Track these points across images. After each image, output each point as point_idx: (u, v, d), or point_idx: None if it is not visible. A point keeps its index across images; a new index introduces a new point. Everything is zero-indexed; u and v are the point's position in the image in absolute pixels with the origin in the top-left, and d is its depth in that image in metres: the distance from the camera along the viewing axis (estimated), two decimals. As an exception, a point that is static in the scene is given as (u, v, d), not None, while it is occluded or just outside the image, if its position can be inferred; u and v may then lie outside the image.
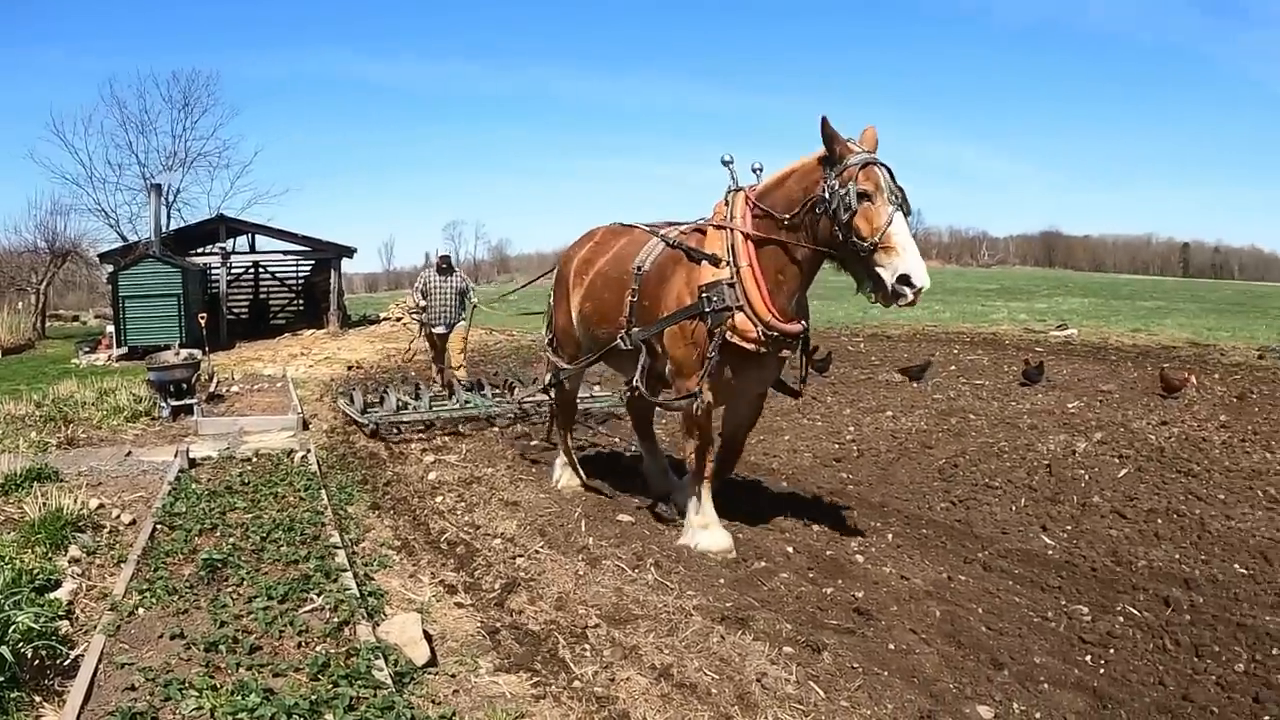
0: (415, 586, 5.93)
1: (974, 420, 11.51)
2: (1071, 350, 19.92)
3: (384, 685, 4.17)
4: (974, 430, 10.86)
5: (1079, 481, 8.51)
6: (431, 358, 14.97)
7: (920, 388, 14.26)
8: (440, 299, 14.16)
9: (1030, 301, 37.01)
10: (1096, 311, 30.76)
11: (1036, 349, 18.99)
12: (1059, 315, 28.79)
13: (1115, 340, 21.66)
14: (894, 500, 8.07)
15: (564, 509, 7.50)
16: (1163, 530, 7.09)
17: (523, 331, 24.88)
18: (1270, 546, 6.59)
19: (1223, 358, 18.10)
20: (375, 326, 28.87)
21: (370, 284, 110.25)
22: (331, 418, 12.43)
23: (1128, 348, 20.21)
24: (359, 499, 7.99)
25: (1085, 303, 36.50)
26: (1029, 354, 17.53)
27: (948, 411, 12.18)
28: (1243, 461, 9.09)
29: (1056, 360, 16.81)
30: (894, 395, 13.62)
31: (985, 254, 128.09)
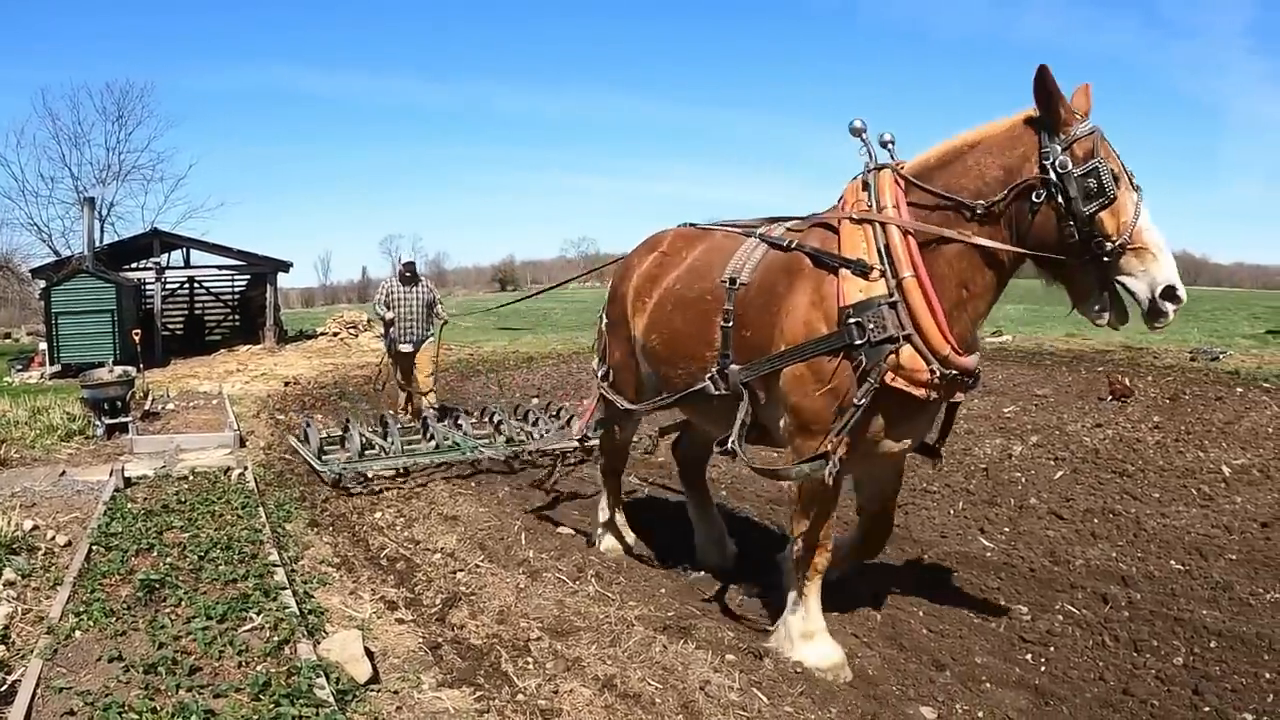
0: (356, 603, 5.89)
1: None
2: (1006, 355, 20.29)
3: (326, 704, 4.14)
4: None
5: (1016, 484, 8.69)
6: (397, 381, 13.43)
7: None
8: (406, 311, 12.89)
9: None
10: (1031, 317, 31.20)
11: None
12: (993, 322, 29.16)
13: (1050, 345, 22.10)
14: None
15: (504, 523, 7.48)
16: (1099, 529, 7.26)
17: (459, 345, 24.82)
18: (1205, 542, 6.79)
19: (1155, 360, 18.55)
20: (312, 341, 28.59)
21: (307, 299, 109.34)
22: (268, 434, 12.27)
23: (1062, 352, 20.63)
24: (297, 516, 7.91)
25: (1020, 309, 37.00)
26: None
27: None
28: (1176, 461, 9.33)
29: (991, 366, 17.08)
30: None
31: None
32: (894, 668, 4.96)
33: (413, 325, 12.99)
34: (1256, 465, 9.11)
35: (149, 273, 27.69)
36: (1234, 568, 6.29)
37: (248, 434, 11.97)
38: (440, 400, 13.57)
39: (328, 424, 12.91)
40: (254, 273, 30.21)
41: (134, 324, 21.43)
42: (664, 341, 5.68)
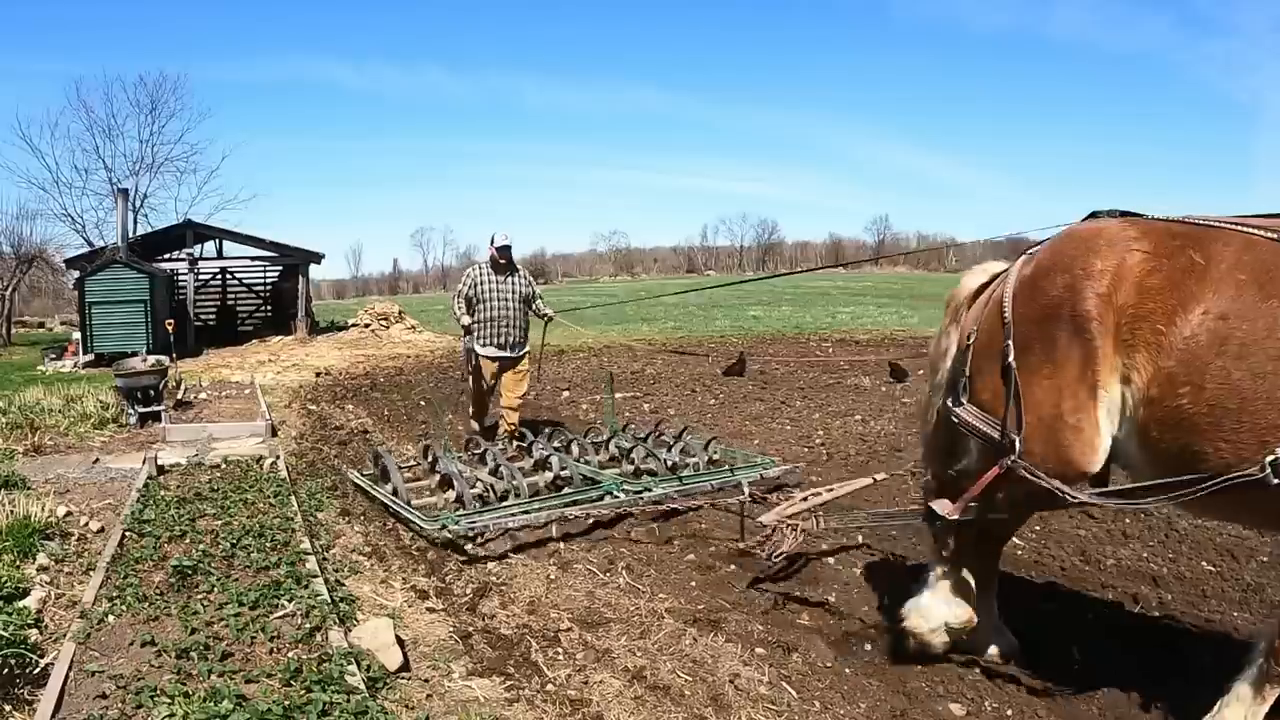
0: (387, 592, 5.90)
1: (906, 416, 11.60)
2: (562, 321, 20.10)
3: (357, 690, 4.15)
4: (909, 432, 10.95)
5: (1050, 480, 8.59)
6: (472, 396, 10.81)
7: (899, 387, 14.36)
8: (500, 308, 10.17)
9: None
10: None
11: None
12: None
13: None
14: (863, 503, 8.09)
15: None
16: (1130, 530, 7.19)
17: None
18: (1236, 544, 6.70)
19: None
20: (343, 333, 28.70)
21: (338, 290, 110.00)
22: (300, 424, 12.34)
23: None
24: (329, 505, 7.94)
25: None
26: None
27: (917, 415, 12.25)
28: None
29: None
30: (863, 399, 13.73)
31: (953, 259, 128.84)
32: (923, 664, 4.93)
33: (508, 327, 10.26)
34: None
35: (182, 263, 27.86)
36: (1265, 570, 6.20)
37: (279, 424, 12.03)
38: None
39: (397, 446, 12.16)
40: (286, 264, 30.40)
41: (167, 314, 21.56)
42: (1205, 398, 3.68)
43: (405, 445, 10.80)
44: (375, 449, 9.02)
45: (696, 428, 11.69)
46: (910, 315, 32.72)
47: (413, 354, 22.50)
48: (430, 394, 15.06)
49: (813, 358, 19.36)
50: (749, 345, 22.29)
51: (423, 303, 59.81)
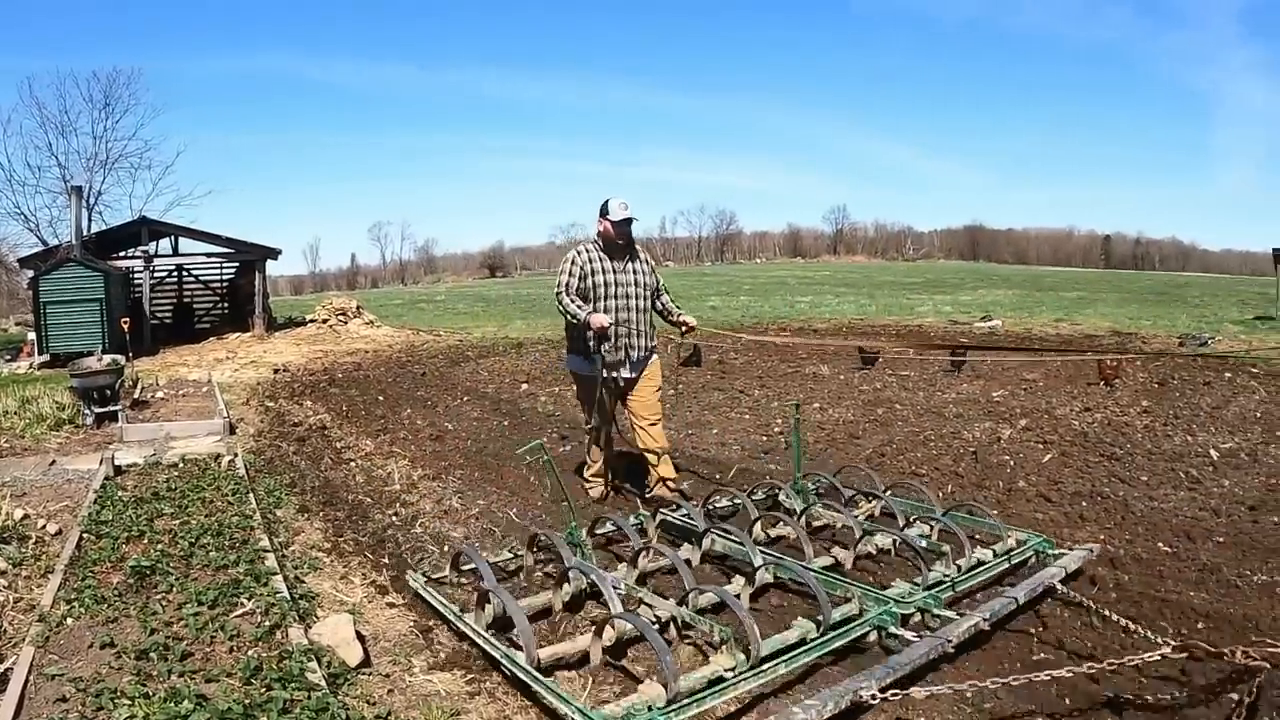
0: (347, 588, 5.89)
1: (900, 410, 11.73)
2: (996, 341, 20.34)
3: (318, 687, 4.15)
4: (900, 420, 11.08)
5: (1004, 467, 8.72)
6: (595, 439, 7.91)
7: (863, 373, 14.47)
8: (622, 304, 7.58)
9: (955, 294, 37.79)
10: (1020, 303, 31.47)
11: (961, 340, 19.32)
12: (983, 307, 29.50)
13: (1039, 330, 22.25)
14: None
15: (495, 516, 7.52)
16: (1087, 512, 7.30)
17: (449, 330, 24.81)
18: (1192, 525, 6.83)
19: (1144, 346, 18.64)
20: (301, 329, 28.50)
21: (296, 286, 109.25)
22: (258, 421, 12.25)
23: (1051, 337, 20.78)
24: (288, 502, 7.90)
25: (1009, 295, 37.33)
26: (955, 344, 17.82)
27: (874, 402, 12.41)
28: (1164, 445, 9.37)
29: (980, 351, 17.14)
30: (821, 387, 13.83)
31: (910, 248, 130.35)
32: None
33: (632, 334, 7.64)
34: (1244, 449, 9.15)
35: (137, 261, 27.51)
36: (1221, 550, 6.31)
37: (237, 421, 11.95)
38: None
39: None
40: (243, 260, 30.09)
41: (123, 312, 21.28)
42: None
43: (364, 440, 10.75)
44: (460, 548, 6.12)
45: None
46: (869, 304, 32.99)
47: (371, 349, 22.39)
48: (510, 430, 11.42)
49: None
50: (706, 336, 22.38)
51: (381, 297, 59.63)
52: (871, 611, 4.92)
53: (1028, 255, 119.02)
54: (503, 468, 9.26)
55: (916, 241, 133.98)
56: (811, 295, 38.65)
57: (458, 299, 52.37)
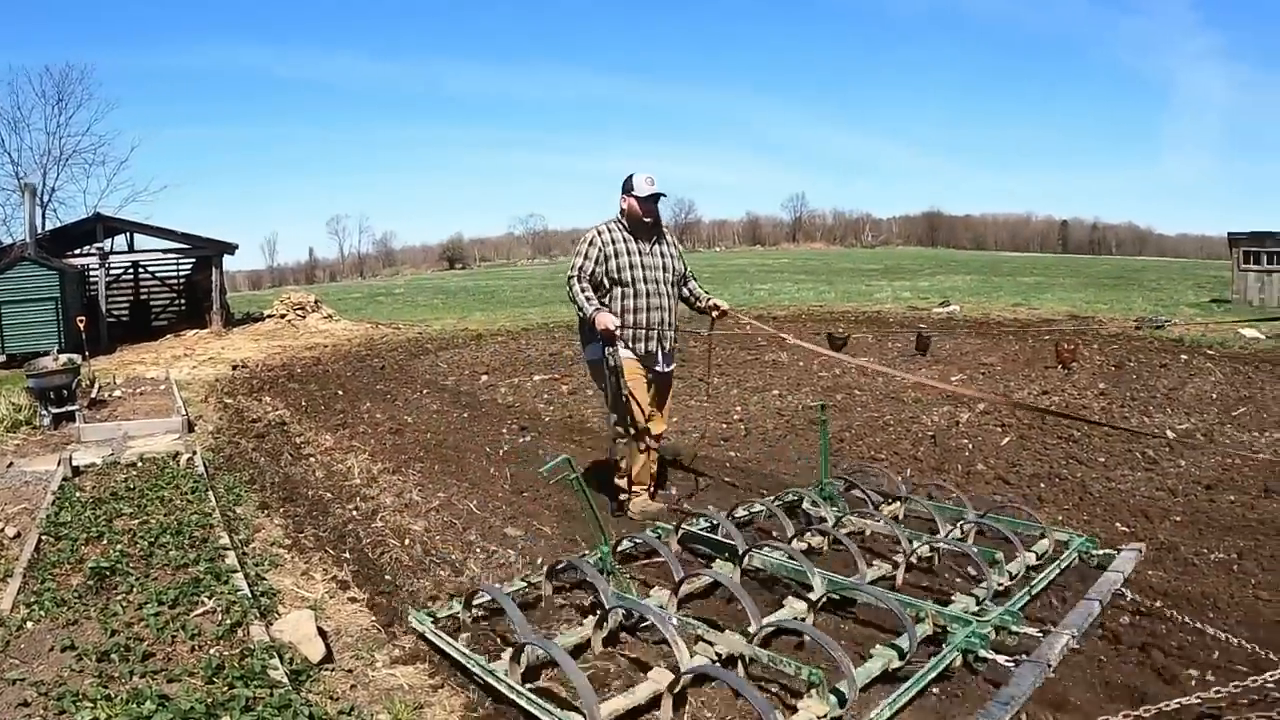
0: (308, 584, 5.87)
1: (859, 396, 11.84)
2: (954, 326, 20.52)
3: (280, 684, 4.14)
4: (860, 405, 11.18)
5: (963, 451, 8.83)
6: (631, 439, 6.95)
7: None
8: (651, 293, 6.92)
9: (914, 280, 38.08)
10: (978, 288, 31.76)
11: (920, 325, 19.47)
12: (941, 292, 29.76)
13: (997, 315, 22.48)
14: (784, 475, 8.24)
15: (456, 509, 7.52)
16: (1045, 493, 7.41)
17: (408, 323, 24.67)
18: (1149, 505, 6.96)
19: (1101, 329, 18.92)
20: (259, 324, 28.25)
21: (254, 281, 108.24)
22: (217, 418, 12.14)
23: (1009, 322, 20.98)
24: (247, 499, 7.85)
25: (967, 280, 37.64)
26: (914, 329, 17.95)
27: (834, 388, 12.52)
28: (1121, 426, 9.49)
29: (939, 336, 17.28)
30: (780, 374, 13.91)
31: (869, 235, 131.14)
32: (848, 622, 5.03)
33: (663, 321, 7.01)
34: (1200, 429, 9.31)
35: (93, 259, 27.14)
36: (1179, 529, 6.43)
37: (196, 419, 11.85)
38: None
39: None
40: (199, 255, 29.73)
41: (79, 311, 21.00)
42: None
43: (324, 435, 10.69)
44: (478, 585, 5.41)
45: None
46: (828, 290, 33.16)
47: (330, 343, 22.25)
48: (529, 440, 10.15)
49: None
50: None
51: (339, 291, 59.23)
52: (958, 634, 4.36)
53: (986, 241, 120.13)
54: (463, 460, 9.25)
55: (875, 228, 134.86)
56: (771, 283, 38.77)
57: (417, 291, 52.11)
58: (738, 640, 4.31)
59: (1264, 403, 10.93)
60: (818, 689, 3.74)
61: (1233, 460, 8.21)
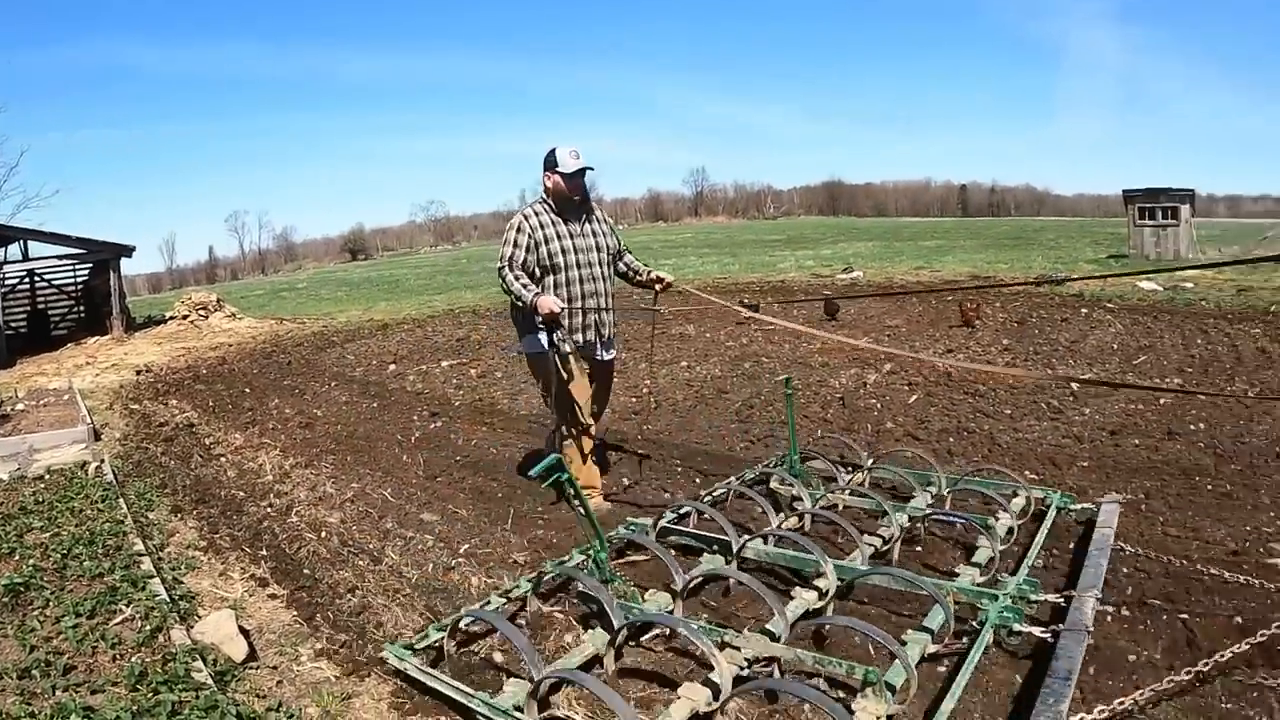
0: (226, 584, 5.81)
1: (767, 363, 12.00)
2: (858, 291, 20.81)
3: (205, 686, 4.12)
4: (768, 373, 11.34)
5: (872, 410, 9.03)
6: (576, 432, 6.62)
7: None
8: (586, 276, 6.48)
9: (817, 249, 38.48)
10: (881, 254, 32.23)
11: (825, 291, 19.71)
12: (844, 259, 30.11)
13: (900, 278, 22.81)
14: (695, 445, 8.34)
15: (370, 498, 7.49)
16: (955, 447, 7.62)
17: (313, 317, 24.33)
18: (1057, 452, 7.21)
19: (1002, 288, 19.28)
20: (162, 327, 27.55)
21: (154, 284, 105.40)
22: (124, 425, 11.87)
23: (911, 284, 21.34)
24: (159, 504, 7.70)
25: (870, 246, 38.14)
26: (819, 295, 18.18)
27: (741, 357, 12.67)
28: (1026, 380, 9.75)
29: (844, 302, 17.52)
30: (688, 346, 14.02)
31: (771, 207, 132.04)
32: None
33: (601, 303, 6.58)
34: (1103, 379, 9.60)
35: (-15, 270, 26.35)
36: (1086, 474, 6.67)
37: (102, 427, 11.58)
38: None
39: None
40: (96, 260, 28.86)
41: (-28, 325, 20.42)
42: None
43: (233, 434, 10.52)
44: (466, 611, 4.63)
45: (525, 388, 11.76)
46: (732, 263, 33.37)
47: (235, 342, 21.83)
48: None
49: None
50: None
51: (242, 289, 58.08)
52: (990, 609, 4.19)
53: (887, 207, 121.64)
54: (375, 449, 9.20)
55: (777, 200, 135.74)
56: (675, 258, 38.86)
57: (320, 285, 51.27)
58: (769, 643, 4.01)
59: (1163, 350, 11.35)
60: (874, 687, 3.55)
61: (1136, 406, 8.50)
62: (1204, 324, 13.28)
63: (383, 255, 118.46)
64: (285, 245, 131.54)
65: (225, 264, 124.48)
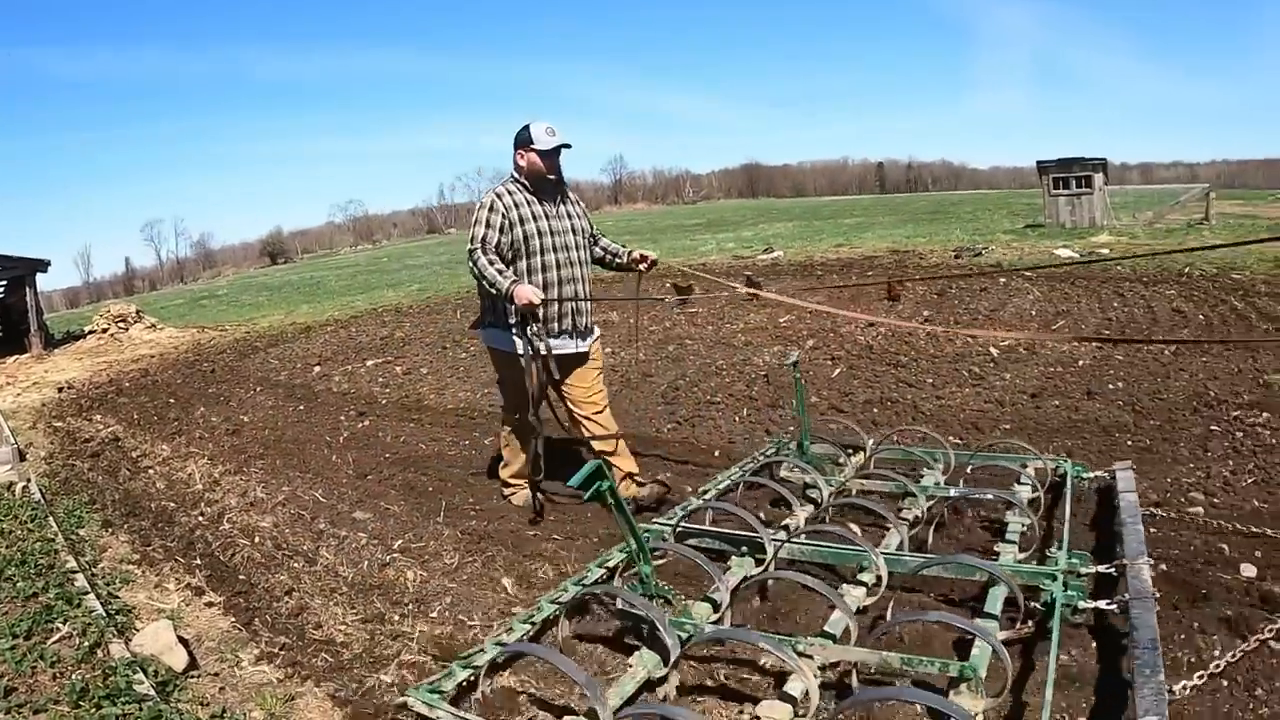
0: (162, 595, 5.75)
1: (691, 345, 12.10)
2: (780, 270, 21.01)
3: (148, 697, 4.09)
4: (692, 355, 11.44)
5: (796, 386, 9.10)
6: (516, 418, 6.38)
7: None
8: (563, 262, 6.01)
9: (737, 231, 38.74)
10: (801, 233, 32.56)
11: (746, 272, 19.84)
12: (765, 240, 30.30)
13: (820, 257, 23.10)
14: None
15: (302, 500, 7.44)
16: (879, 417, 7.78)
17: (235, 324, 23.96)
18: (979, 417, 7.41)
19: (921, 261, 19.71)
20: (82, 342, 26.91)
21: (71, 299, 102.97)
22: (48, 443, 11.61)
23: (832, 262, 21.62)
24: (90, 520, 7.55)
25: (790, 226, 38.46)
26: (740, 275, 18.28)
27: (665, 340, 12.75)
28: (947, 348, 10.02)
29: (766, 280, 17.65)
30: (611, 332, 14.03)
31: (690, 191, 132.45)
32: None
33: (578, 290, 6.13)
34: (1022, 344, 9.83)
35: (-106, 295, 25.51)
36: (1008, 436, 6.79)
37: (27, 446, 11.30)
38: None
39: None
40: (9, 276, 28.04)
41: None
42: None
43: (160, 445, 10.34)
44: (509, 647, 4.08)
45: (451, 382, 11.75)
46: (653, 248, 33.48)
47: (157, 353, 21.36)
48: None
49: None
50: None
51: (161, 299, 56.91)
52: (1054, 589, 3.99)
53: (806, 188, 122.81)
54: (304, 451, 9.12)
55: (695, 184, 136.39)
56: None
57: (241, 291, 50.43)
58: (849, 648, 3.72)
59: (1080, 314, 11.68)
60: (970, 682, 3.34)
61: (1055, 369, 8.73)
62: (1120, 288, 13.69)
63: (303, 258, 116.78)
64: (203, 252, 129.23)
65: (143, 275, 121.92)
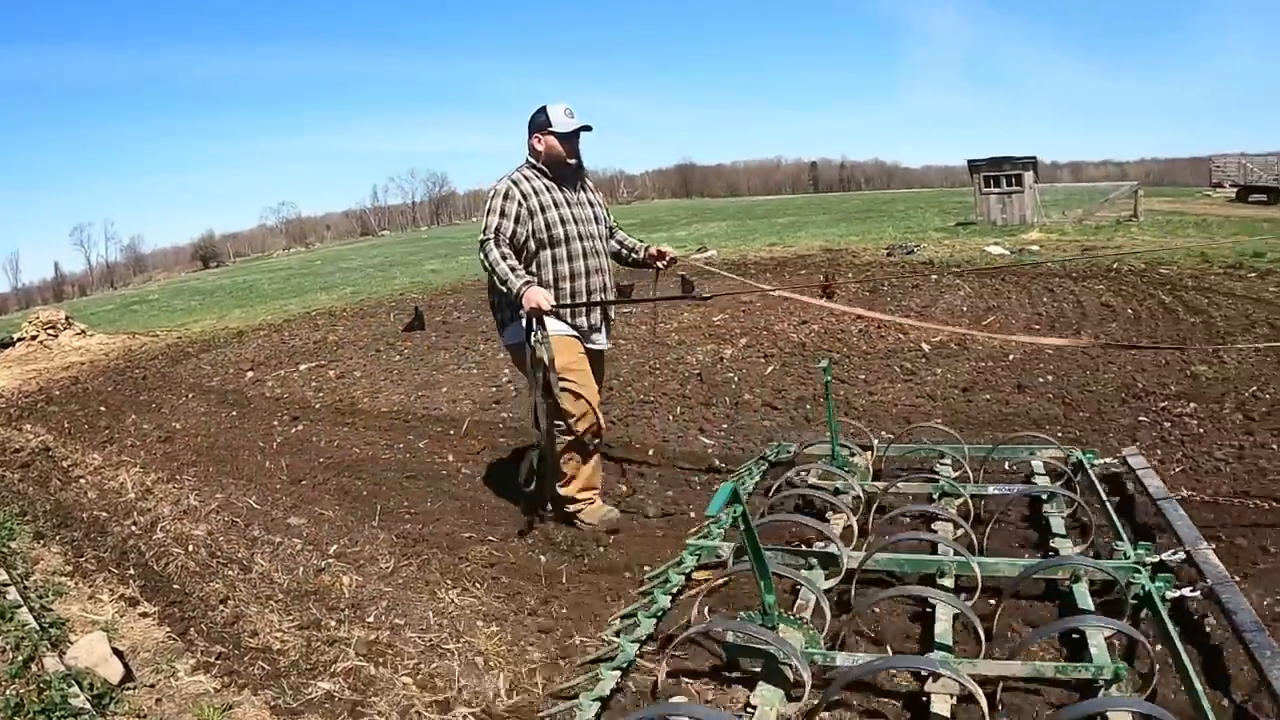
0: (96, 607, 5.64)
1: (624, 344, 12.09)
2: (713, 270, 21.08)
3: (84, 711, 4.02)
4: (624, 354, 11.43)
5: (729, 384, 9.20)
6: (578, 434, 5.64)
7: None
8: (589, 252, 5.57)
9: (671, 231, 38.86)
10: (735, 233, 32.73)
11: (680, 273, 19.94)
12: (699, 240, 30.39)
13: (754, 256, 23.22)
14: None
15: (235, 507, 7.35)
16: (812, 414, 7.89)
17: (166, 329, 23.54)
18: (911, 412, 7.52)
19: (855, 259, 19.91)
20: (9, 350, 26.14)
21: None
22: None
23: (766, 261, 21.75)
24: (20, 532, 7.36)
25: (724, 226, 38.61)
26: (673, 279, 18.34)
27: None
28: (879, 345, 10.14)
29: (699, 281, 17.67)
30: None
31: (624, 191, 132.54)
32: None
33: (602, 285, 5.69)
34: (954, 339, 9.93)
35: None
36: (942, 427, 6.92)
37: (-46, 458, 11.04)
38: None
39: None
40: (-68, 288, 27.42)
41: None
42: None
43: (91, 454, 10.13)
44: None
45: (385, 385, 11.67)
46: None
47: (87, 360, 20.91)
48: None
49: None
50: (430, 298, 22.22)
51: (91, 305, 55.69)
52: (1144, 581, 3.75)
53: (739, 188, 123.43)
54: (237, 458, 8.99)
55: (630, 184, 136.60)
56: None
57: (172, 296, 49.56)
58: (1006, 662, 3.43)
59: (1011, 309, 11.89)
60: (1122, 682, 3.19)
61: (985, 364, 8.86)
62: (1050, 283, 13.96)
63: (235, 261, 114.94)
64: (134, 257, 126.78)
65: (73, 280, 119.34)
